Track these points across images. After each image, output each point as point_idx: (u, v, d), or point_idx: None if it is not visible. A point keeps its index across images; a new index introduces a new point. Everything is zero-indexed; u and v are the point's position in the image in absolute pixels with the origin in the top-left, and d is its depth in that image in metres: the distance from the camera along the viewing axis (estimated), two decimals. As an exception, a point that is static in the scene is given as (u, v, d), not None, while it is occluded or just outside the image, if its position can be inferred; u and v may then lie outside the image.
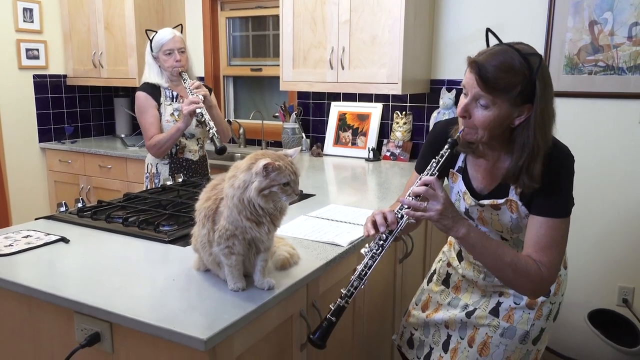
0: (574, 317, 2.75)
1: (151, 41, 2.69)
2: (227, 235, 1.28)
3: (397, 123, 3.38)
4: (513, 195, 1.41)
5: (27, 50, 4.03)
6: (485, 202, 1.46)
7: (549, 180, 1.34)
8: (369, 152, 3.36)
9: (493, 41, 1.36)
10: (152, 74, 2.71)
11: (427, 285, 1.78)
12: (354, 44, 3.09)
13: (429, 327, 1.69)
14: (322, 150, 3.59)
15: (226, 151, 2.56)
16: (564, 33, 2.87)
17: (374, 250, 1.37)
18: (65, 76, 4.32)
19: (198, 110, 2.53)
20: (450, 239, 1.76)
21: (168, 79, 2.72)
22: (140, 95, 2.67)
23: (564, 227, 1.37)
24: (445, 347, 1.63)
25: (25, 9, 3.97)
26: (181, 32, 2.75)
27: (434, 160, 1.38)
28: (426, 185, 1.31)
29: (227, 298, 1.29)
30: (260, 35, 4.16)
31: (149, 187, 2.77)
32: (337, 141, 3.58)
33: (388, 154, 3.38)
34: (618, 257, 2.92)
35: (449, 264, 1.73)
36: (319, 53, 3.23)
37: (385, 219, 1.36)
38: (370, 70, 3.07)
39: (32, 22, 4.04)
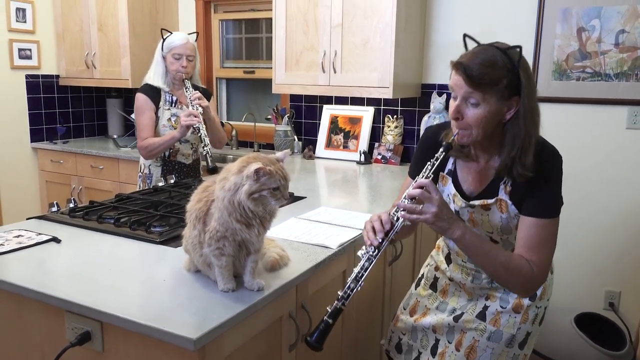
0: (560, 321, 2.78)
1: (164, 40, 2.71)
2: (217, 236, 1.29)
3: (389, 127, 3.41)
4: (502, 194, 1.44)
5: (20, 50, 4.02)
6: (476, 202, 1.48)
7: (538, 181, 1.37)
8: (360, 155, 3.39)
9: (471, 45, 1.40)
10: (156, 74, 2.72)
11: (415, 289, 1.80)
12: (345, 47, 3.12)
13: (416, 331, 1.71)
14: (314, 153, 3.61)
15: (217, 171, 2.58)
16: (552, 39, 2.91)
17: (370, 253, 1.38)
18: (57, 76, 4.31)
19: (196, 125, 2.57)
20: (439, 242, 1.78)
21: (170, 82, 2.74)
22: (140, 97, 2.69)
23: (553, 227, 1.41)
24: (434, 351, 1.65)
25: (18, 9, 3.97)
26: (196, 39, 2.79)
27: (429, 162, 1.40)
28: (421, 187, 1.33)
29: (217, 298, 1.30)
30: (253, 38, 4.18)
31: (141, 187, 2.79)
32: (329, 144, 3.60)
33: (379, 157, 3.40)
34: (605, 262, 2.96)
35: (436, 268, 1.74)
36: (311, 56, 3.25)
37: (381, 222, 1.38)
38: (362, 74, 3.09)
39: (25, 22, 4.03)
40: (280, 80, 3.38)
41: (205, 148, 2.61)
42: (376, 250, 1.37)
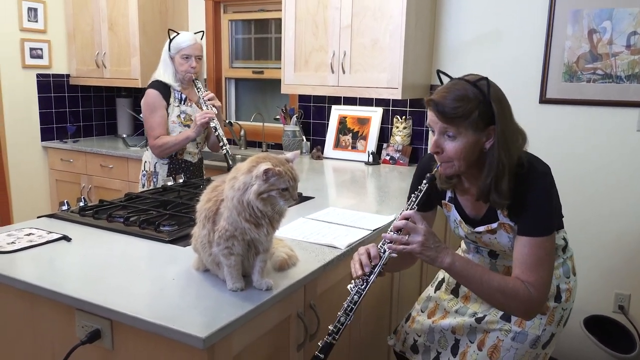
0: (569, 323, 2.75)
1: (171, 41, 2.71)
2: (226, 236, 1.30)
3: (397, 127, 3.40)
4: (502, 218, 1.46)
5: (31, 49, 4.06)
6: (481, 228, 1.51)
7: (527, 201, 1.39)
8: (369, 156, 3.39)
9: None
10: (167, 73, 2.72)
11: (435, 292, 1.78)
12: (355, 48, 3.12)
13: (433, 332, 1.70)
14: (322, 153, 3.62)
15: None
16: (563, 41, 2.90)
17: (359, 286, 1.40)
18: (68, 76, 4.35)
19: (212, 124, 2.60)
20: (461, 247, 1.77)
21: (180, 81, 2.75)
22: (152, 93, 2.68)
23: (547, 245, 1.40)
24: (454, 351, 1.64)
25: (30, 9, 4.00)
26: (202, 38, 2.79)
27: (413, 195, 1.46)
28: (406, 219, 1.37)
29: (226, 298, 1.31)
30: (263, 38, 4.18)
31: (146, 185, 2.80)
32: (337, 144, 3.60)
33: (387, 157, 3.40)
34: (615, 264, 2.94)
35: None
36: (320, 57, 3.26)
37: (369, 256, 1.41)
38: (371, 74, 3.09)
39: (37, 21, 4.07)
40: (289, 80, 3.39)
41: (224, 148, 2.62)
42: (365, 284, 1.40)
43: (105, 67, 4.09)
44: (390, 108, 3.50)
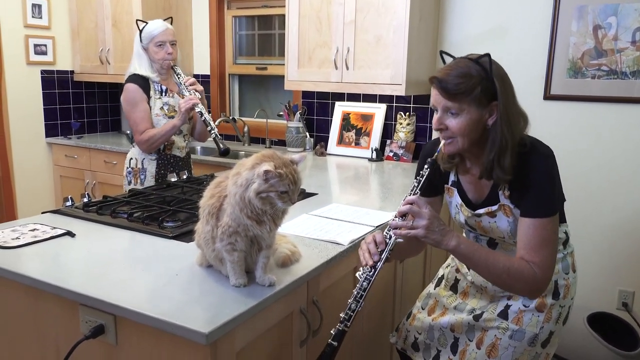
0: (573, 320, 2.75)
1: (141, 31, 2.61)
2: (229, 232, 1.30)
3: (401, 124, 3.40)
4: (503, 199, 1.46)
5: (35, 45, 4.07)
6: (481, 211, 1.51)
7: (531, 182, 1.39)
8: (372, 152, 3.38)
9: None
10: (142, 66, 2.61)
11: (434, 289, 1.79)
12: (358, 44, 3.11)
13: (433, 330, 1.70)
14: (326, 150, 3.61)
15: (230, 152, 2.56)
16: (567, 37, 2.88)
17: (368, 273, 1.42)
18: (72, 72, 4.36)
19: (197, 109, 2.51)
20: None
21: (157, 72, 2.64)
22: (131, 87, 2.57)
23: (551, 226, 1.41)
24: (454, 349, 1.65)
25: (34, 5, 4.01)
26: (171, 23, 2.67)
27: (415, 180, 1.47)
28: (410, 204, 1.38)
29: (229, 293, 1.31)
30: (266, 34, 4.18)
31: (132, 183, 2.69)
32: (341, 141, 3.60)
33: (391, 154, 3.40)
34: (618, 261, 2.93)
35: (457, 270, 1.74)
36: (324, 53, 3.25)
37: (375, 243, 1.43)
38: (375, 71, 3.09)
39: (41, 18, 4.07)
40: (293, 76, 3.39)
41: (213, 132, 2.50)
42: (372, 270, 1.41)
43: (109, 64, 4.09)
44: (394, 104, 3.49)
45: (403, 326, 1.83)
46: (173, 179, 2.50)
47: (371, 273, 1.41)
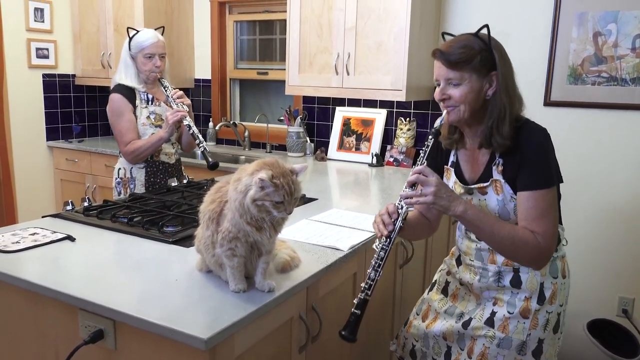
0: (573, 327, 2.76)
1: (130, 39, 2.57)
2: (229, 237, 1.30)
3: (401, 129, 3.40)
4: (496, 174, 1.50)
5: (37, 49, 4.08)
6: (473, 187, 1.55)
7: (526, 155, 1.44)
8: (373, 158, 3.39)
9: None
10: (128, 76, 2.57)
11: (427, 294, 1.81)
12: (359, 50, 3.12)
13: (428, 338, 1.71)
14: (326, 155, 3.62)
15: (218, 166, 2.52)
16: (568, 43, 2.89)
17: (384, 243, 1.48)
18: (73, 76, 4.37)
19: (185, 122, 2.47)
20: (453, 249, 1.78)
21: (144, 82, 2.60)
22: (116, 98, 2.54)
23: (549, 197, 1.44)
24: (447, 358, 1.65)
25: (36, 9, 4.03)
26: (162, 33, 2.63)
27: (421, 151, 1.54)
28: (418, 174, 1.43)
29: (229, 299, 1.31)
30: (267, 39, 4.19)
31: (122, 194, 2.65)
32: (341, 146, 3.60)
33: (391, 159, 3.40)
34: (618, 268, 2.93)
35: (448, 272, 1.75)
36: (324, 58, 3.26)
37: (389, 214, 1.49)
38: (375, 76, 3.09)
39: (43, 21, 4.09)
40: (294, 81, 3.40)
41: (201, 145, 2.46)
42: (388, 240, 1.47)
43: (111, 68, 4.10)
44: (394, 110, 3.50)
45: (401, 333, 1.84)
46: (174, 184, 2.50)
47: (387, 242, 1.47)
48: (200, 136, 2.50)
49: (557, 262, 1.55)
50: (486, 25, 1.46)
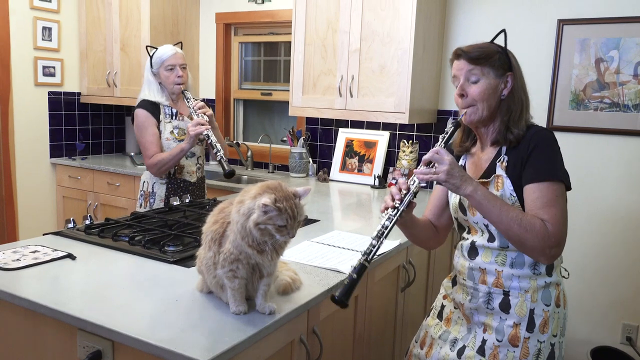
0: (576, 354, 2.73)
1: (151, 57, 2.67)
2: (231, 258, 1.30)
3: (404, 152, 3.41)
4: (499, 170, 1.53)
5: (44, 67, 4.12)
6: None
7: (531, 151, 1.48)
8: (375, 179, 3.39)
9: None
10: (152, 92, 2.67)
11: (425, 321, 1.80)
12: (363, 72, 3.15)
13: None
14: (328, 176, 3.62)
15: (235, 174, 2.57)
16: (570, 69, 2.91)
17: (391, 214, 1.49)
18: (79, 94, 4.40)
19: (205, 133, 2.53)
20: (452, 272, 1.77)
21: (169, 96, 2.69)
22: (141, 113, 2.63)
23: (555, 189, 1.45)
24: None
25: (44, 28, 4.08)
26: (181, 48, 2.73)
27: (440, 136, 1.59)
28: (435, 153, 1.46)
29: (229, 321, 1.30)
30: (272, 61, 4.23)
31: (142, 206, 2.73)
32: (344, 167, 3.61)
33: (394, 181, 3.40)
34: (622, 294, 2.91)
35: (445, 297, 1.75)
36: (328, 80, 3.28)
37: (399, 189, 1.52)
38: (378, 98, 3.11)
39: (51, 40, 4.14)
40: (297, 103, 3.42)
41: (218, 154, 2.53)
42: (395, 210, 1.49)
43: (117, 86, 4.14)
44: (397, 132, 3.51)
45: None
46: (175, 203, 2.50)
47: (393, 213, 1.49)
48: (218, 145, 2.56)
49: (550, 288, 1.51)
50: (503, 30, 1.58)
